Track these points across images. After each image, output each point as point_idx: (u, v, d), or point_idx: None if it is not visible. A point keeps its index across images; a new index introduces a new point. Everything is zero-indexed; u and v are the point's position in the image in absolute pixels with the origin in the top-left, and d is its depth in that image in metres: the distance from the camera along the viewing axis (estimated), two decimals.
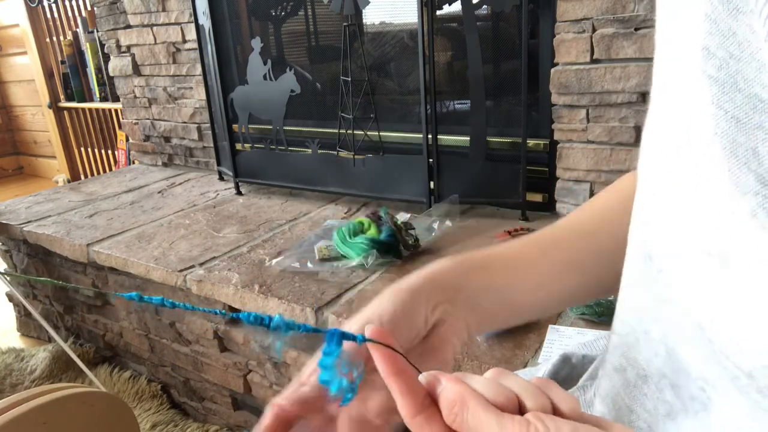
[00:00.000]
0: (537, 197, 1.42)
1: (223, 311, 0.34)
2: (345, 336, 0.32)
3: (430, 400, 0.29)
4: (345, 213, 1.56)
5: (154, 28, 2.00)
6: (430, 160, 1.41)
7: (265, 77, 1.66)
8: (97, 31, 2.32)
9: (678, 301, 0.32)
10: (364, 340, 0.31)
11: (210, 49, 1.69)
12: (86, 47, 2.70)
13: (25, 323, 2.00)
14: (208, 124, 1.87)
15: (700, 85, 0.27)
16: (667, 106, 0.31)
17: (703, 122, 0.27)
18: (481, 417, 0.27)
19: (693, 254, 0.29)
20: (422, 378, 0.30)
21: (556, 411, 0.28)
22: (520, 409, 0.28)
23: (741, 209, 0.25)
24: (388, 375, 0.30)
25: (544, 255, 0.45)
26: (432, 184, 1.43)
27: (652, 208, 0.33)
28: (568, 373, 0.51)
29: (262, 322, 0.32)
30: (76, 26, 2.84)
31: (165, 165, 2.25)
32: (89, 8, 2.75)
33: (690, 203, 0.29)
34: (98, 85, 2.77)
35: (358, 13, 1.55)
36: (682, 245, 0.30)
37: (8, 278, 1.79)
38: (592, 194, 1.32)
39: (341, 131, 1.56)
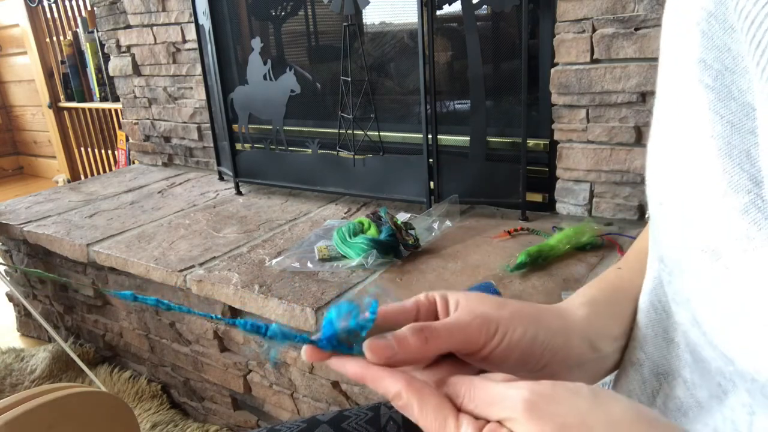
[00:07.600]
0: (537, 197, 1.42)
1: (219, 316, 0.34)
2: (339, 339, 0.32)
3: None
4: (345, 213, 1.56)
5: (154, 28, 2.00)
6: (430, 160, 1.41)
7: (265, 77, 1.66)
8: (97, 31, 2.32)
9: (685, 304, 0.33)
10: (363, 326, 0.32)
11: (210, 49, 1.69)
12: (86, 47, 2.70)
13: (25, 323, 2.00)
14: (208, 124, 1.87)
15: (697, 93, 0.29)
16: (669, 115, 0.33)
17: (700, 126, 0.29)
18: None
19: (691, 253, 0.30)
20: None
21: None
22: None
23: (733, 206, 0.27)
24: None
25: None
26: (432, 184, 1.43)
27: (661, 214, 0.35)
28: None
29: (258, 330, 0.32)
30: (76, 26, 2.84)
31: (165, 165, 2.25)
32: (89, 8, 2.75)
33: (688, 204, 0.30)
34: (98, 85, 2.77)
35: (358, 13, 1.55)
36: (683, 246, 0.31)
37: (8, 278, 1.79)
38: (592, 194, 1.33)
39: (341, 131, 1.56)
